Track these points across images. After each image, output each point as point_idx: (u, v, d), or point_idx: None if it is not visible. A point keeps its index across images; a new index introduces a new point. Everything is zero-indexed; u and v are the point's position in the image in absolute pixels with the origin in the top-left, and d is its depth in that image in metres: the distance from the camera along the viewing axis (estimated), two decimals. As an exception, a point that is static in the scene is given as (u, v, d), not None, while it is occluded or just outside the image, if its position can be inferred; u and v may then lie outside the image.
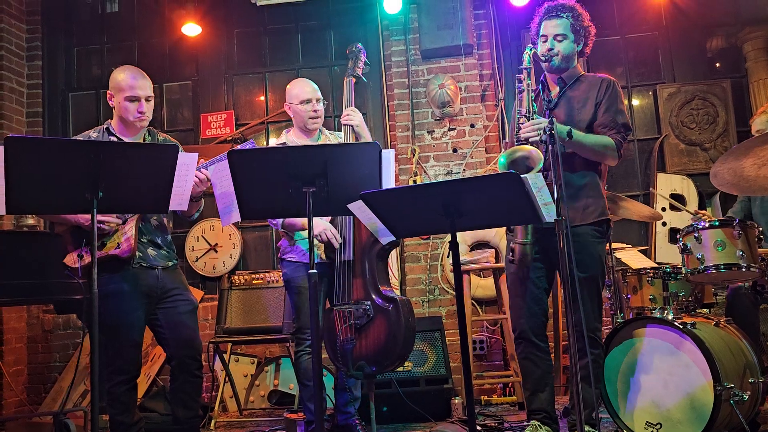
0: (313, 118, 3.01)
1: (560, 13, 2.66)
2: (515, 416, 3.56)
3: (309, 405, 2.98)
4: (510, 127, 2.86)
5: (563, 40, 2.66)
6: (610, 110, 2.63)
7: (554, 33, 2.66)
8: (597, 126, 2.63)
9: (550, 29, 2.67)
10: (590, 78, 2.73)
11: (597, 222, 2.63)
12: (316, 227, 2.86)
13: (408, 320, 2.76)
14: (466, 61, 4.52)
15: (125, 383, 2.63)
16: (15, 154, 2.01)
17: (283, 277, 3.06)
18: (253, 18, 5.04)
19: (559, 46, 2.64)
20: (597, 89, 2.65)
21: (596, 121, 2.63)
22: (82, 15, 5.26)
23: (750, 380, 2.57)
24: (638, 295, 3.07)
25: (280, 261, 3.10)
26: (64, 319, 4.71)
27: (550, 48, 2.64)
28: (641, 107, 4.86)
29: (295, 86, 3.08)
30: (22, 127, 4.92)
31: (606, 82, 2.67)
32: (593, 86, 2.67)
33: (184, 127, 5.08)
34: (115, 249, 2.54)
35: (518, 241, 2.51)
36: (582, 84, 2.71)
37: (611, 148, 2.59)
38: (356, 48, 3.11)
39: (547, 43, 2.66)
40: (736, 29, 4.71)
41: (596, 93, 2.65)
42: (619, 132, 2.62)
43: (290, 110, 3.08)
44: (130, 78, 2.65)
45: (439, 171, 4.50)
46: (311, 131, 3.06)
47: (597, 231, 2.64)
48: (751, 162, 2.61)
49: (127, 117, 2.65)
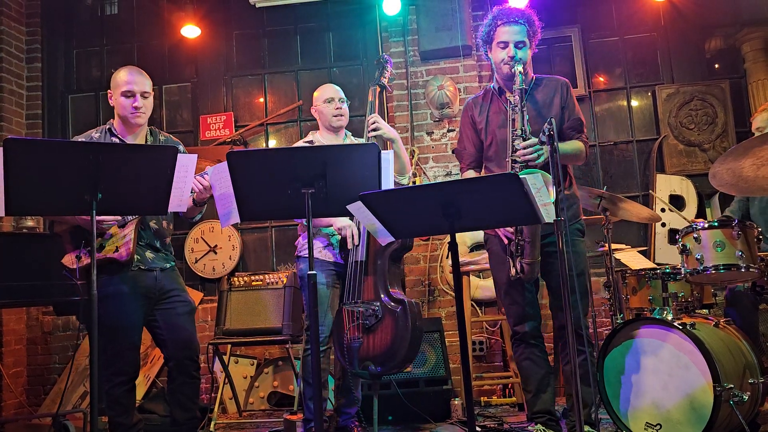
0: (336, 116, 3.09)
1: (518, 19, 2.65)
2: (515, 417, 3.56)
3: (309, 404, 2.98)
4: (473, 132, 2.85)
5: (523, 47, 2.66)
6: (573, 113, 2.71)
7: (515, 40, 2.65)
8: (566, 129, 2.69)
9: (510, 36, 2.65)
10: (546, 80, 2.77)
11: (578, 221, 2.75)
12: (340, 222, 2.93)
13: (415, 323, 2.77)
14: (464, 62, 4.53)
15: (124, 384, 2.63)
16: (14, 156, 2.01)
17: (299, 273, 3.11)
18: (252, 20, 5.04)
19: (520, 53, 2.64)
20: (560, 92, 2.70)
21: (563, 125, 2.69)
22: (81, 17, 5.26)
23: (750, 381, 2.56)
24: (638, 295, 3.08)
25: (296, 258, 3.14)
26: (64, 320, 4.71)
27: (512, 56, 2.63)
28: (640, 108, 4.86)
29: (321, 90, 3.19)
30: (22, 129, 4.92)
31: (565, 85, 2.74)
32: (554, 89, 2.72)
33: (183, 129, 5.08)
34: (114, 253, 2.54)
35: (527, 261, 2.53)
36: (542, 86, 2.75)
37: (583, 150, 2.69)
38: (383, 58, 3.19)
39: (508, 50, 2.65)
40: (734, 30, 4.72)
41: (560, 96, 2.70)
42: (584, 133, 2.71)
43: (316, 112, 3.17)
44: (127, 74, 2.67)
45: (438, 172, 4.51)
46: (337, 129, 3.13)
47: (578, 230, 2.76)
48: (750, 162, 2.61)
49: (123, 113, 2.66)
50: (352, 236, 2.90)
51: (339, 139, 3.13)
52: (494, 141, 2.74)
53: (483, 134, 2.79)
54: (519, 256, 2.56)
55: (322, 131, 3.17)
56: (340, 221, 2.94)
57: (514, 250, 2.57)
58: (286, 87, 5.04)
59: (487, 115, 2.77)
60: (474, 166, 2.85)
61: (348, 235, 2.91)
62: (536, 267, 2.55)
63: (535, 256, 2.52)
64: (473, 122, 2.82)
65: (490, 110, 2.77)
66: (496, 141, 2.73)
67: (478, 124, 2.81)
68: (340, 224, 2.93)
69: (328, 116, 3.09)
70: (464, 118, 2.87)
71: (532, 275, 2.56)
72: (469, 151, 2.85)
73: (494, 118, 2.75)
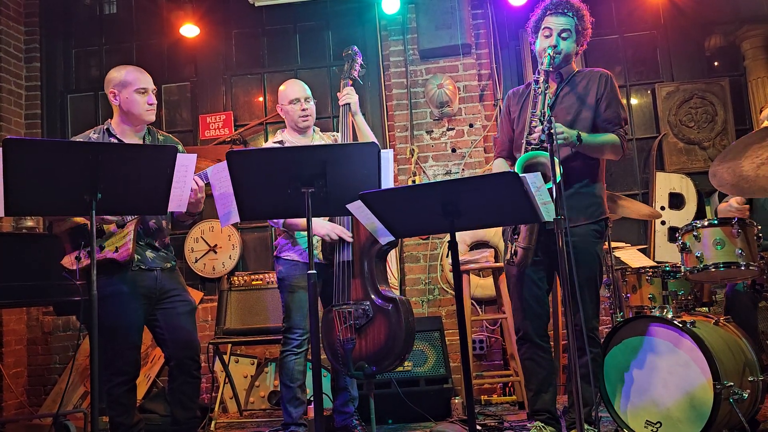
0: (302, 117, 3.06)
1: (567, 11, 2.63)
2: (515, 416, 3.56)
3: (288, 407, 2.96)
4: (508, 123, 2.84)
5: (567, 38, 2.63)
6: (612, 105, 2.64)
7: (560, 29, 2.62)
8: (601, 122, 2.64)
9: (555, 25, 2.63)
10: (587, 73, 2.72)
11: (596, 221, 2.65)
12: (321, 229, 2.88)
13: (408, 320, 2.76)
14: (464, 61, 4.52)
15: (125, 384, 2.63)
16: (14, 156, 2.01)
17: (278, 275, 3.07)
18: (251, 19, 5.03)
19: (563, 43, 2.62)
20: (597, 84, 2.65)
21: (599, 117, 2.63)
22: (80, 17, 5.25)
23: (749, 379, 2.57)
24: (637, 294, 3.07)
25: (275, 259, 3.10)
26: (64, 320, 4.71)
27: (554, 44, 2.60)
28: (640, 106, 4.86)
29: (286, 87, 3.13)
30: (21, 129, 4.91)
31: (605, 77, 2.67)
32: (592, 81, 2.67)
33: (182, 129, 5.07)
34: (113, 253, 2.54)
35: (522, 245, 2.51)
36: (580, 80, 2.70)
37: (617, 144, 2.61)
38: (352, 51, 3.16)
39: (551, 38, 2.62)
40: (734, 28, 4.71)
41: (596, 88, 2.65)
42: (621, 127, 2.64)
43: (282, 111, 3.14)
44: (135, 71, 2.68)
45: (437, 171, 4.50)
46: (304, 129, 3.10)
47: (596, 231, 2.66)
48: (750, 161, 2.60)
49: (137, 110, 2.65)
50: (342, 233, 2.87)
51: (307, 138, 3.11)
52: (524, 129, 2.68)
53: (516, 123, 2.77)
54: (516, 239, 2.54)
55: (289, 131, 3.14)
56: (319, 227, 2.88)
57: (512, 234, 2.57)
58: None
59: (522, 105, 2.75)
60: (504, 155, 2.85)
61: (339, 234, 2.88)
62: (529, 253, 2.51)
63: (530, 242, 2.49)
64: (509, 112, 2.82)
65: (526, 101, 2.73)
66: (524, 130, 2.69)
67: (512, 114, 2.80)
68: (322, 231, 2.88)
69: (294, 117, 3.06)
70: (504, 109, 2.88)
71: (525, 261, 2.52)
72: (502, 140, 2.87)
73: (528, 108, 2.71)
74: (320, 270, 2.93)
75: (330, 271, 2.94)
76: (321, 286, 2.99)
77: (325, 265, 2.97)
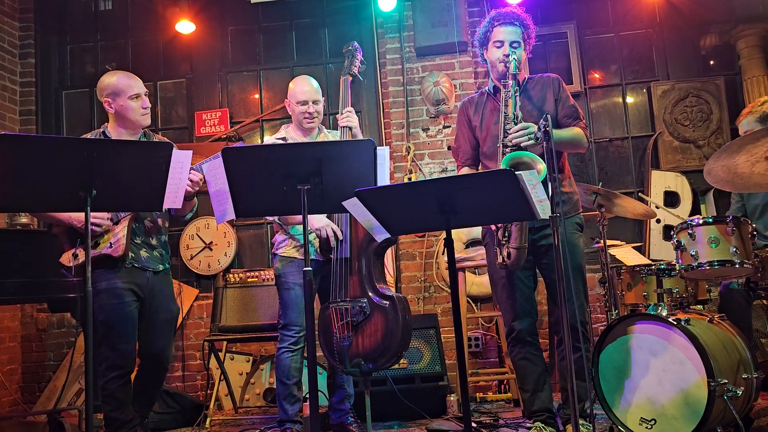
0: (307, 119, 3.05)
1: (514, 21, 2.76)
2: (510, 413, 3.57)
3: (284, 404, 2.96)
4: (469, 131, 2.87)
5: (518, 47, 2.75)
6: (567, 103, 2.78)
7: (511, 40, 2.74)
8: (562, 118, 2.76)
9: (505, 35, 2.74)
10: (538, 79, 2.85)
11: (576, 214, 2.77)
12: (317, 223, 2.88)
13: (405, 317, 2.76)
14: (460, 58, 4.53)
15: (119, 378, 2.64)
16: (8, 152, 2.01)
17: (275, 272, 3.07)
18: (247, 15, 5.02)
19: (515, 53, 2.71)
20: (552, 87, 2.79)
21: (560, 114, 2.76)
22: (75, 13, 5.23)
23: (743, 376, 2.58)
24: (632, 291, 3.08)
25: (273, 255, 3.11)
26: (58, 317, 4.69)
27: (507, 54, 2.70)
28: (635, 105, 4.87)
29: (296, 85, 3.10)
30: (15, 125, 4.89)
31: (556, 80, 2.83)
32: (547, 84, 2.81)
33: (178, 125, 5.06)
34: (107, 248, 2.56)
35: (514, 246, 2.53)
36: (533, 85, 2.82)
37: (582, 136, 2.73)
38: (352, 47, 3.14)
39: (504, 48, 2.73)
40: (729, 27, 4.72)
41: (553, 90, 2.78)
42: (581, 120, 2.77)
43: (289, 107, 3.13)
44: (126, 78, 2.72)
45: (434, 168, 4.50)
46: (308, 131, 3.10)
47: (577, 224, 2.78)
48: (744, 159, 2.61)
49: (133, 116, 2.70)
50: (334, 233, 2.87)
51: (311, 138, 3.10)
52: (489, 137, 2.77)
53: (478, 132, 2.84)
54: (506, 241, 2.56)
55: (294, 128, 3.14)
56: (317, 221, 2.89)
57: (502, 237, 2.59)
58: (281, 83, 5.02)
59: (483, 113, 2.83)
60: (470, 163, 2.89)
61: (329, 234, 2.87)
62: (523, 253, 2.54)
63: (521, 242, 2.52)
64: (469, 120, 2.87)
65: (485, 108, 2.82)
66: (491, 137, 2.76)
67: (473, 122, 2.85)
68: (318, 225, 2.89)
69: (299, 118, 3.06)
70: (460, 117, 2.93)
71: (518, 262, 2.55)
72: (465, 149, 2.89)
73: (489, 116, 2.79)
74: (318, 267, 2.94)
75: (327, 267, 2.93)
76: (318, 283, 2.98)
77: (323, 262, 2.97)
